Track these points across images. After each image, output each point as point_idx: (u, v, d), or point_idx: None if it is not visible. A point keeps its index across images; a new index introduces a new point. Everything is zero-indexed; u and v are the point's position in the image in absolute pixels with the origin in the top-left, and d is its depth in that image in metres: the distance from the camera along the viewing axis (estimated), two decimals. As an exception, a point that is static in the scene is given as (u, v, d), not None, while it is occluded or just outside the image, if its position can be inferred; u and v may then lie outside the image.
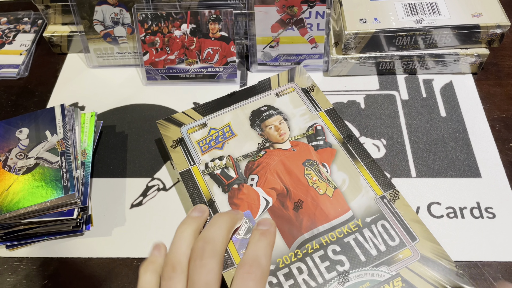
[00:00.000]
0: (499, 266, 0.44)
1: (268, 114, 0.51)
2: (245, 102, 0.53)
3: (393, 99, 0.59)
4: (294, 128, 0.50)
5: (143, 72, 0.61)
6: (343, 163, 0.47)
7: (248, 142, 0.49)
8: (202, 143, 0.49)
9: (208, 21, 0.58)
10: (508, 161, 0.52)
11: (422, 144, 0.54)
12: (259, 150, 0.48)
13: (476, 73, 0.61)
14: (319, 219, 0.43)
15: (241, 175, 0.47)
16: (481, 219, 0.47)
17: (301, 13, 0.57)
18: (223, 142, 0.49)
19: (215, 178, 0.47)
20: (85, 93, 0.62)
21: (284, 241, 0.42)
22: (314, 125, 0.50)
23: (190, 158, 0.48)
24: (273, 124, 0.50)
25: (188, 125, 0.51)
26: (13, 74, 0.65)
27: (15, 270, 0.46)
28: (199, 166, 0.48)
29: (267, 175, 0.46)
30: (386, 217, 0.43)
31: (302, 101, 0.52)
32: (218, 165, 0.48)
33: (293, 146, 0.49)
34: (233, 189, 0.46)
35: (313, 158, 0.47)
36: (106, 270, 0.46)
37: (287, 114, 0.51)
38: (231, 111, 0.52)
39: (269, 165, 0.47)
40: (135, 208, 0.50)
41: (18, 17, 0.72)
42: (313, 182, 0.46)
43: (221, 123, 0.51)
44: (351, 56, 0.59)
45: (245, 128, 0.50)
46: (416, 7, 0.58)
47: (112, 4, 0.59)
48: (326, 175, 0.46)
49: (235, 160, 0.48)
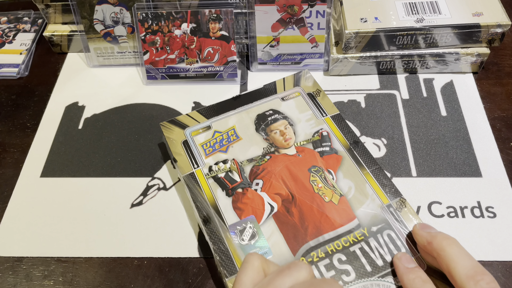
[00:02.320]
0: (500, 265, 0.44)
1: (273, 118, 0.51)
2: (250, 105, 0.52)
3: (394, 98, 0.59)
4: (299, 134, 0.50)
5: (143, 72, 0.61)
6: (349, 170, 0.46)
7: (253, 146, 0.49)
8: (206, 146, 0.49)
9: (209, 20, 0.58)
10: (509, 161, 0.52)
11: (422, 144, 0.54)
12: (264, 155, 0.48)
13: (477, 73, 0.61)
14: (325, 227, 0.42)
15: (245, 179, 0.46)
16: (481, 218, 0.47)
17: (302, 12, 0.57)
18: (228, 145, 0.49)
19: (219, 181, 0.46)
20: (85, 93, 0.62)
21: (289, 248, 0.41)
22: (320, 131, 0.50)
23: (193, 161, 0.48)
24: (278, 129, 0.50)
25: (192, 128, 0.51)
26: (13, 73, 0.65)
27: (15, 270, 0.46)
28: (203, 169, 0.47)
29: (272, 180, 0.46)
30: (392, 226, 0.42)
31: (308, 106, 0.52)
32: (222, 168, 0.47)
33: (298, 151, 0.48)
34: (237, 193, 0.45)
35: (318, 165, 0.47)
36: (106, 269, 0.46)
37: (293, 119, 0.51)
38: (235, 114, 0.52)
39: (274, 170, 0.47)
40: (135, 207, 0.50)
41: (18, 16, 0.72)
42: (318, 189, 0.45)
43: (226, 126, 0.50)
44: (351, 55, 0.58)
45: (250, 132, 0.50)
46: (416, 7, 0.58)
47: (113, 4, 0.59)
48: (332, 182, 0.45)
49: (239, 164, 0.47)
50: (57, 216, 0.50)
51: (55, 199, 0.51)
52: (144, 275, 0.45)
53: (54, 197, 0.51)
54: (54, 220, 0.50)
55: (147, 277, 0.45)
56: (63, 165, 0.54)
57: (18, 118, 0.60)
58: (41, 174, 0.54)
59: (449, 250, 0.35)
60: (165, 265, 0.46)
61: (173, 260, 0.46)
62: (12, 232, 0.49)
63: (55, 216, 0.50)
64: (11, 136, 0.58)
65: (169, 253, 0.47)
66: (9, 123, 0.59)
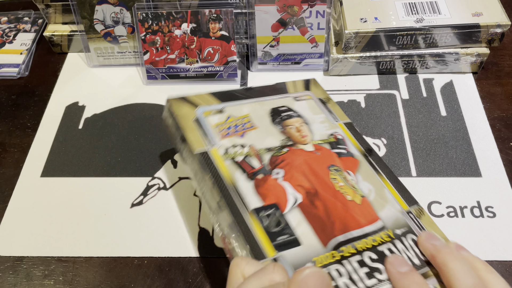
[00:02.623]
0: (499, 265, 0.44)
1: (288, 114, 0.49)
2: (263, 98, 0.51)
3: (394, 98, 0.59)
4: (314, 133, 0.48)
5: (143, 72, 0.61)
6: (367, 173, 0.45)
7: (269, 137, 0.46)
8: (220, 128, 0.46)
9: (209, 20, 0.58)
10: (508, 160, 0.52)
11: (422, 144, 0.54)
12: (282, 147, 0.45)
13: (477, 73, 0.61)
14: (351, 224, 0.40)
15: (265, 166, 0.43)
16: (481, 218, 0.47)
17: (302, 13, 0.57)
18: (244, 131, 0.46)
19: (237, 165, 0.43)
20: (86, 93, 0.62)
21: (319, 239, 0.39)
22: (335, 134, 0.48)
23: (207, 140, 0.44)
24: (294, 125, 0.48)
25: (205, 107, 0.47)
26: (13, 73, 0.65)
27: (15, 269, 0.46)
28: (219, 150, 0.44)
29: (293, 171, 0.43)
30: (415, 232, 0.40)
31: (321, 109, 0.50)
32: (240, 152, 0.44)
33: (316, 149, 0.46)
34: (258, 179, 0.42)
35: (337, 164, 0.45)
36: (107, 269, 0.46)
37: (307, 118, 0.49)
38: (249, 104, 0.49)
39: (293, 162, 0.44)
40: (135, 207, 0.50)
41: (19, 16, 0.72)
42: (340, 187, 0.43)
43: (240, 113, 0.48)
44: (351, 55, 0.59)
45: (266, 122, 0.47)
46: (416, 7, 0.58)
47: (113, 4, 0.59)
48: (352, 182, 0.44)
49: (257, 151, 0.44)
50: (57, 215, 0.50)
51: (56, 199, 0.51)
52: (144, 275, 0.45)
53: (55, 197, 0.51)
54: (54, 219, 0.50)
55: (147, 277, 0.45)
56: (64, 165, 0.54)
57: (19, 118, 0.60)
58: (42, 174, 0.54)
59: (452, 265, 0.33)
60: (165, 264, 0.46)
61: (173, 260, 0.46)
62: (12, 231, 0.49)
63: (56, 215, 0.50)
64: (12, 136, 0.58)
65: (169, 252, 0.47)
66: (9, 123, 0.59)
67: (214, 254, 0.46)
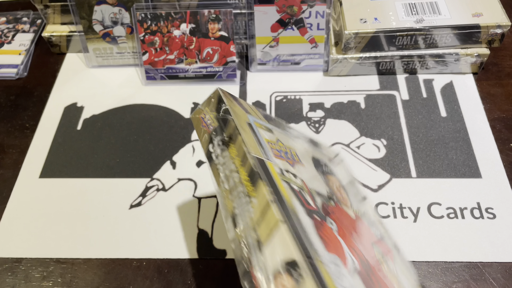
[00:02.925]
0: (499, 266, 0.44)
1: (330, 169, 0.43)
2: (307, 143, 0.44)
3: (393, 99, 0.58)
4: (352, 201, 0.41)
5: (142, 72, 0.61)
6: (401, 267, 0.40)
7: (316, 181, 0.39)
8: (272, 147, 0.38)
9: (208, 20, 0.58)
10: (508, 161, 0.52)
11: (422, 144, 0.54)
12: (329, 197, 0.38)
13: (477, 73, 0.61)
14: None
15: (320, 210, 0.36)
16: (481, 219, 0.47)
17: (301, 13, 0.57)
18: (294, 162, 0.38)
19: (294, 193, 0.34)
20: (84, 93, 0.62)
21: None
22: (365, 212, 0.43)
23: (262, 151, 0.35)
24: (334, 183, 0.42)
25: (255, 118, 0.39)
26: (12, 74, 0.65)
27: (14, 271, 0.46)
28: (274, 166, 0.35)
29: (345, 230, 0.37)
30: None
31: (352, 183, 0.45)
32: (294, 181, 0.36)
33: (357, 219, 0.40)
34: (317, 219, 0.34)
35: (378, 246, 0.40)
36: (105, 270, 0.46)
37: (342, 183, 0.43)
38: (293, 138, 0.42)
39: (342, 221, 0.37)
40: (134, 208, 0.50)
41: (17, 17, 0.72)
42: (386, 270, 0.37)
43: (287, 142, 0.40)
44: (351, 56, 0.58)
45: (311, 165, 0.40)
46: (416, 7, 0.58)
47: (111, 4, 0.59)
48: (394, 271, 0.38)
49: (309, 189, 0.37)
50: (56, 217, 0.50)
51: (54, 200, 0.51)
52: (143, 276, 0.45)
53: (53, 198, 0.51)
54: (53, 221, 0.49)
55: (146, 278, 0.45)
56: (62, 166, 0.54)
57: (17, 118, 0.60)
58: (40, 175, 0.53)
59: None
60: (164, 266, 0.46)
61: (172, 261, 0.46)
62: (11, 233, 0.49)
63: (54, 217, 0.50)
64: (10, 136, 0.58)
65: (168, 254, 0.46)
66: (8, 124, 0.59)
67: (213, 256, 0.46)
